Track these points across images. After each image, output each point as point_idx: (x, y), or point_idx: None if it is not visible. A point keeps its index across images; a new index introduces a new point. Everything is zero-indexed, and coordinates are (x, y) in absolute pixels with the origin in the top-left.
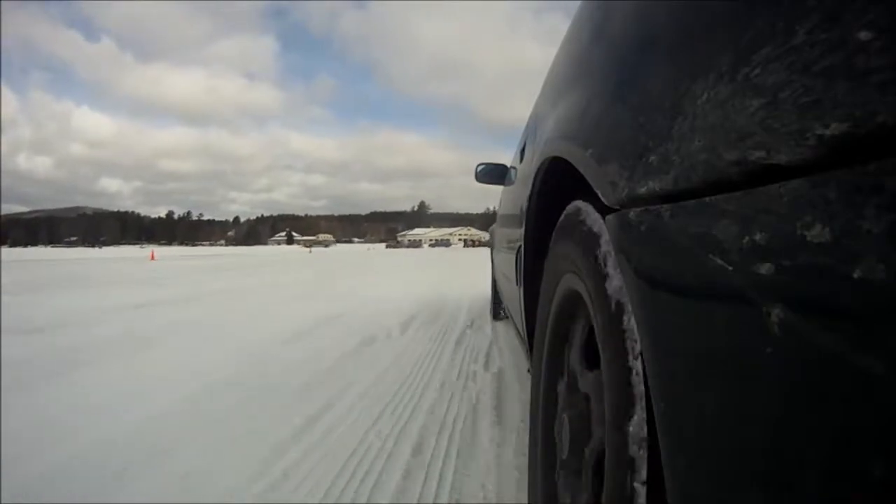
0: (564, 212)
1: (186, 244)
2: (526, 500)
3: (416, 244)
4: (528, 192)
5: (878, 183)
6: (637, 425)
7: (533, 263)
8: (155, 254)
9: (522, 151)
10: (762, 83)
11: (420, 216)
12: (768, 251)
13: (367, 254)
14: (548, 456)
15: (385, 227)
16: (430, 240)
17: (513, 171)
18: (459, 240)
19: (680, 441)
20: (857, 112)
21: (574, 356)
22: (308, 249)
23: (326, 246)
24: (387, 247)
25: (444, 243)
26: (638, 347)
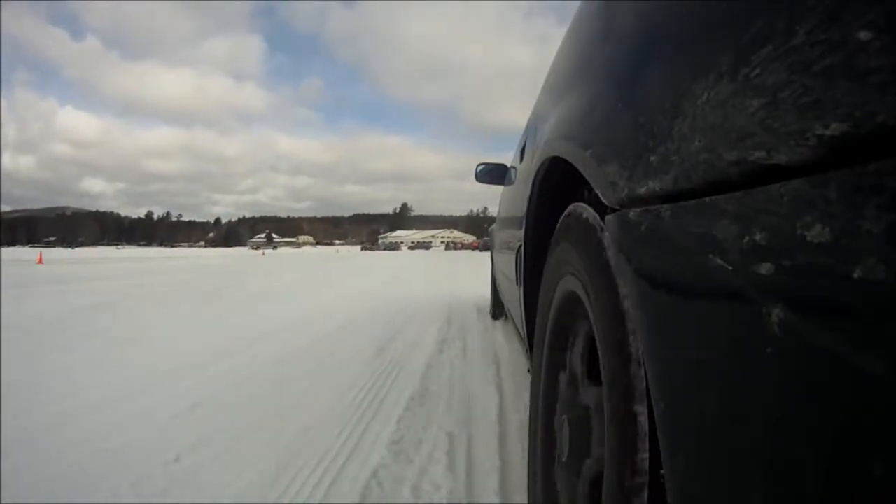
0: (563, 215)
1: (165, 245)
2: (525, 500)
3: (393, 247)
4: (528, 192)
5: (878, 183)
6: (637, 425)
7: (533, 263)
8: (43, 256)
9: (522, 151)
10: (762, 83)
11: (402, 218)
12: (768, 251)
13: (329, 257)
14: (547, 456)
15: (368, 229)
16: (411, 242)
17: (513, 170)
18: (441, 242)
19: (680, 441)
20: (857, 112)
21: (574, 357)
22: (261, 252)
23: (275, 248)
24: (362, 249)
25: (425, 245)
26: (638, 347)
